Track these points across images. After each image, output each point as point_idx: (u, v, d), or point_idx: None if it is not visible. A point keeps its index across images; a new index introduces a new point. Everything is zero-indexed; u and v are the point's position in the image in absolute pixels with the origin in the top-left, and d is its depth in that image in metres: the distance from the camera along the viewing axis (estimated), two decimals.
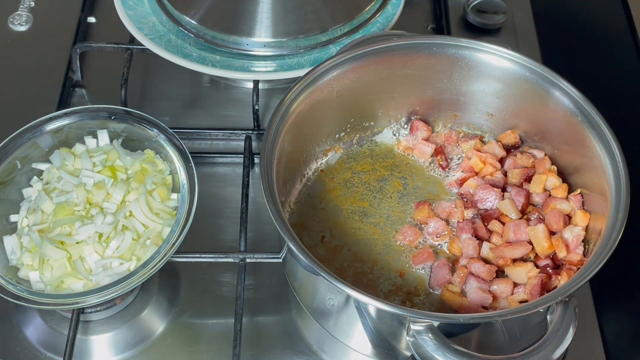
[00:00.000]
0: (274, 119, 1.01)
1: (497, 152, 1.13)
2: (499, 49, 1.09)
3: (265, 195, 0.94)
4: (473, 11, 1.33)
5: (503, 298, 1.00)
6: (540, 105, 1.08)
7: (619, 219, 0.93)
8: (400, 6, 1.30)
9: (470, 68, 1.11)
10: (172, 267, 1.10)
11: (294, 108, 1.04)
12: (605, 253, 0.91)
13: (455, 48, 1.10)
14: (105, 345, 1.05)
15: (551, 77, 1.06)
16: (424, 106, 1.16)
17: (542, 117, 1.09)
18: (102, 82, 1.31)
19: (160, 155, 1.10)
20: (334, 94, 1.09)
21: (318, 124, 1.10)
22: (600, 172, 1.00)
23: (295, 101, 1.04)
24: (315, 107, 1.07)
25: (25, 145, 1.08)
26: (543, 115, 1.09)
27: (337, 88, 1.09)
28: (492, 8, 1.33)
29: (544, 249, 1.01)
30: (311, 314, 1.03)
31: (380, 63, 1.10)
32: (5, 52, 1.33)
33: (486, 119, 1.15)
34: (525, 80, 1.08)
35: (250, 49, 1.23)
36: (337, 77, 1.08)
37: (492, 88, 1.11)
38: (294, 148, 1.06)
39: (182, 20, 1.25)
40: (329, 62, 1.07)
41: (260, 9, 1.24)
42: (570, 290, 0.88)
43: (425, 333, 0.86)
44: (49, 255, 0.99)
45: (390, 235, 1.08)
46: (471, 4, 1.33)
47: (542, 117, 1.09)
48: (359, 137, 1.17)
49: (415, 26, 1.39)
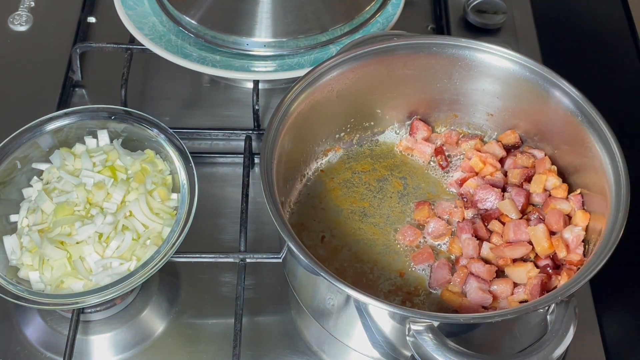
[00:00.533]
0: (274, 119, 1.01)
1: (497, 152, 1.13)
2: (499, 49, 1.08)
3: (265, 196, 0.94)
4: (473, 11, 1.33)
5: (503, 298, 1.00)
6: (540, 105, 1.08)
7: (618, 219, 0.93)
8: (400, 6, 1.30)
9: (470, 68, 1.10)
10: (172, 267, 1.10)
11: (294, 108, 1.04)
12: (605, 253, 0.91)
13: (455, 48, 1.10)
14: (105, 345, 1.05)
15: (551, 77, 1.06)
16: (424, 106, 1.16)
17: (542, 117, 1.09)
18: (102, 82, 1.31)
19: (161, 155, 1.10)
20: (334, 94, 1.09)
21: (318, 124, 1.10)
22: (600, 172, 1.00)
23: (295, 101, 1.04)
24: (315, 107, 1.07)
25: (26, 145, 1.08)
26: (543, 115, 1.09)
27: (337, 88, 1.09)
28: (492, 8, 1.33)
29: (544, 249, 1.01)
30: (311, 314, 1.03)
31: (381, 63, 1.10)
32: (5, 52, 1.33)
33: (486, 119, 1.15)
34: (526, 80, 1.08)
35: (250, 49, 1.23)
36: (337, 77, 1.08)
37: (492, 88, 1.11)
38: (294, 148, 1.06)
39: (182, 20, 1.25)
40: (329, 62, 1.07)
41: (260, 9, 1.24)
42: (570, 291, 0.88)
43: (425, 333, 0.85)
44: (49, 255, 0.99)
45: (390, 235, 1.08)
46: (471, 4, 1.33)
47: (542, 117, 1.09)
48: (359, 137, 1.17)
49: (415, 26, 1.39)
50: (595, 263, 0.90)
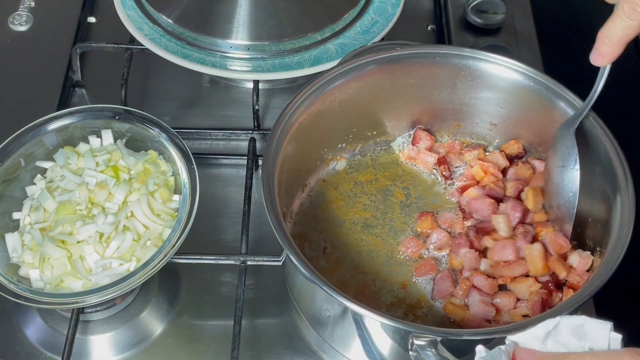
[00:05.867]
0: (276, 129, 1.00)
1: (499, 162, 1.12)
2: (503, 59, 1.08)
3: (266, 207, 0.93)
4: (473, 11, 1.33)
5: (506, 312, 1.00)
6: (544, 115, 1.07)
7: (623, 234, 0.92)
8: (400, 6, 1.30)
9: (473, 78, 1.10)
10: (173, 267, 1.10)
11: (296, 118, 1.03)
12: (608, 271, 0.90)
13: (458, 58, 1.09)
14: (104, 345, 1.05)
15: (555, 87, 1.05)
16: (427, 116, 1.16)
17: (546, 128, 1.08)
18: (102, 82, 1.31)
19: (164, 156, 1.10)
20: (337, 104, 1.08)
21: (320, 133, 1.10)
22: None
23: (297, 111, 1.03)
24: (317, 117, 1.06)
25: (30, 143, 1.08)
26: (547, 125, 1.07)
27: (340, 98, 1.08)
28: (492, 8, 1.33)
29: (538, 270, 1.00)
30: (309, 322, 1.03)
31: (384, 72, 1.09)
32: (5, 52, 1.33)
33: (490, 128, 1.15)
34: (529, 90, 1.07)
35: (232, 52, 1.23)
36: (339, 86, 1.07)
37: (496, 98, 1.11)
38: (295, 158, 1.05)
39: (160, 20, 1.26)
40: (332, 72, 1.06)
41: (239, 11, 1.24)
42: (571, 308, 0.87)
43: (428, 348, 0.85)
44: (49, 254, 0.99)
45: (393, 247, 1.08)
46: (471, 4, 1.33)
47: (546, 127, 1.08)
48: (362, 146, 1.16)
49: (415, 26, 1.39)
50: (598, 281, 0.89)
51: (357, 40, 1.26)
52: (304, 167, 1.11)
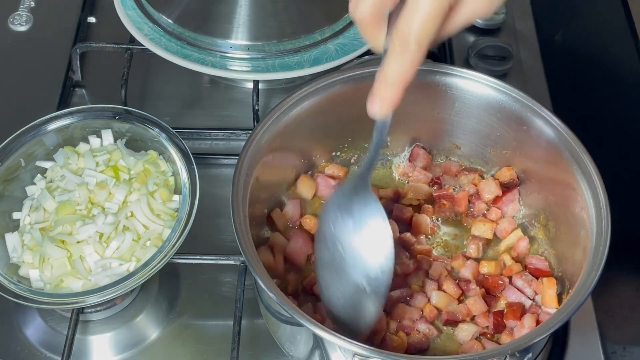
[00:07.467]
0: (249, 145, 1.01)
1: (492, 190, 1.09)
2: (505, 86, 1.04)
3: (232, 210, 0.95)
4: None
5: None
6: (537, 147, 1.05)
7: (595, 265, 0.90)
8: None
9: (473, 101, 1.07)
10: (172, 267, 1.10)
11: (290, 120, 1.03)
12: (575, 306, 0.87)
13: (458, 78, 1.06)
14: (104, 345, 1.06)
15: (560, 128, 1.01)
16: (426, 134, 1.13)
17: (538, 157, 1.06)
18: (102, 82, 1.31)
19: (164, 157, 1.10)
20: (333, 113, 1.07)
21: (315, 140, 1.09)
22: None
23: (284, 114, 1.03)
24: (311, 124, 1.06)
25: (30, 142, 1.08)
26: (539, 156, 1.05)
27: (337, 107, 1.07)
28: None
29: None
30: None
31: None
32: (5, 52, 1.33)
33: (485, 153, 1.12)
34: (527, 121, 1.04)
35: (232, 51, 1.23)
36: (338, 92, 1.06)
37: (494, 123, 1.08)
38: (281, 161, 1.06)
39: (160, 20, 1.26)
40: (332, 78, 1.05)
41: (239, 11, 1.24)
42: (518, 347, 0.87)
43: None
44: (49, 254, 0.99)
45: None
46: None
47: (538, 157, 1.06)
48: (358, 156, 1.14)
49: None
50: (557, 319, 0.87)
51: (357, 40, 1.26)
52: (291, 173, 1.11)
